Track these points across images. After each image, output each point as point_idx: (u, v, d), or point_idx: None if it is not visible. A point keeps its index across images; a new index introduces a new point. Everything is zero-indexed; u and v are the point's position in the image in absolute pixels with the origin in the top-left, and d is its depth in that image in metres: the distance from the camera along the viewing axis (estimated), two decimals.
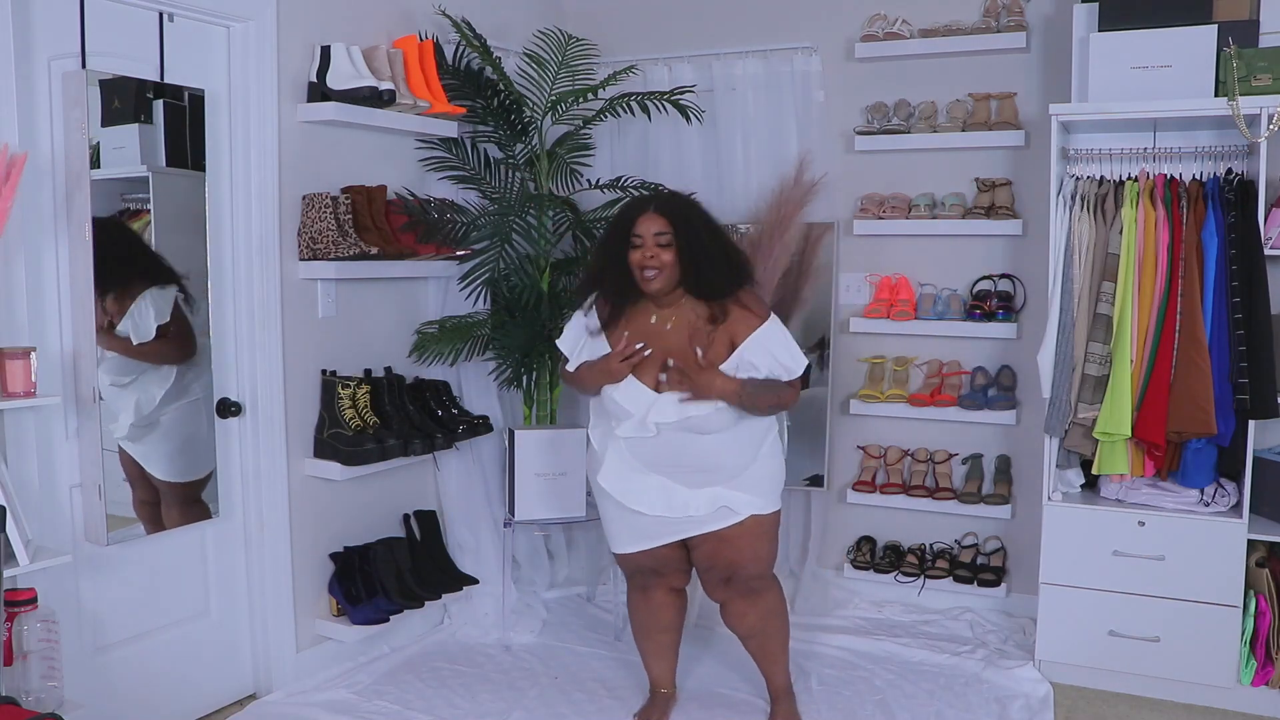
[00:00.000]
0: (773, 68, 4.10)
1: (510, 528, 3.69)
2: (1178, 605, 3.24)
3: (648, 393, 2.71)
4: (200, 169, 2.95)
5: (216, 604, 3.21)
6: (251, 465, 3.23)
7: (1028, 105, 3.84)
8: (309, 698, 3.25)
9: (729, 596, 2.92)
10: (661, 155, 4.27)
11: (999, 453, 4.00)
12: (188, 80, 2.93)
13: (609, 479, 2.81)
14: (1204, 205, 3.18)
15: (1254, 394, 3.09)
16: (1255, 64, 3.12)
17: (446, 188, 3.84)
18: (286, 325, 3.27)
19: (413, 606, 3.52)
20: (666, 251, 2.67)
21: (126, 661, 2.94)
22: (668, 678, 3.17)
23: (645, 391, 2.72)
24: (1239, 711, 3.22)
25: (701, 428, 2.69)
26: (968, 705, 3.23)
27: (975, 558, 4.00)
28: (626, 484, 2.80)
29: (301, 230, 3.28)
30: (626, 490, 2.79)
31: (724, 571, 2.86)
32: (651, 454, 2.77)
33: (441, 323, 3.78)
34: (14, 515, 2.35)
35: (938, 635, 3.76)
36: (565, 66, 3.84)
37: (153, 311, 2.84)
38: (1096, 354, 3.27)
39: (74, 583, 2.77)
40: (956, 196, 3.95)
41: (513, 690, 3.35)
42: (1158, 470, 3.30)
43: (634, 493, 2.79)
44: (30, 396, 2.41)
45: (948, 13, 3.93)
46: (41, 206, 2.65)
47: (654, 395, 2.71)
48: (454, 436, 3.59)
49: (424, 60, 3.54)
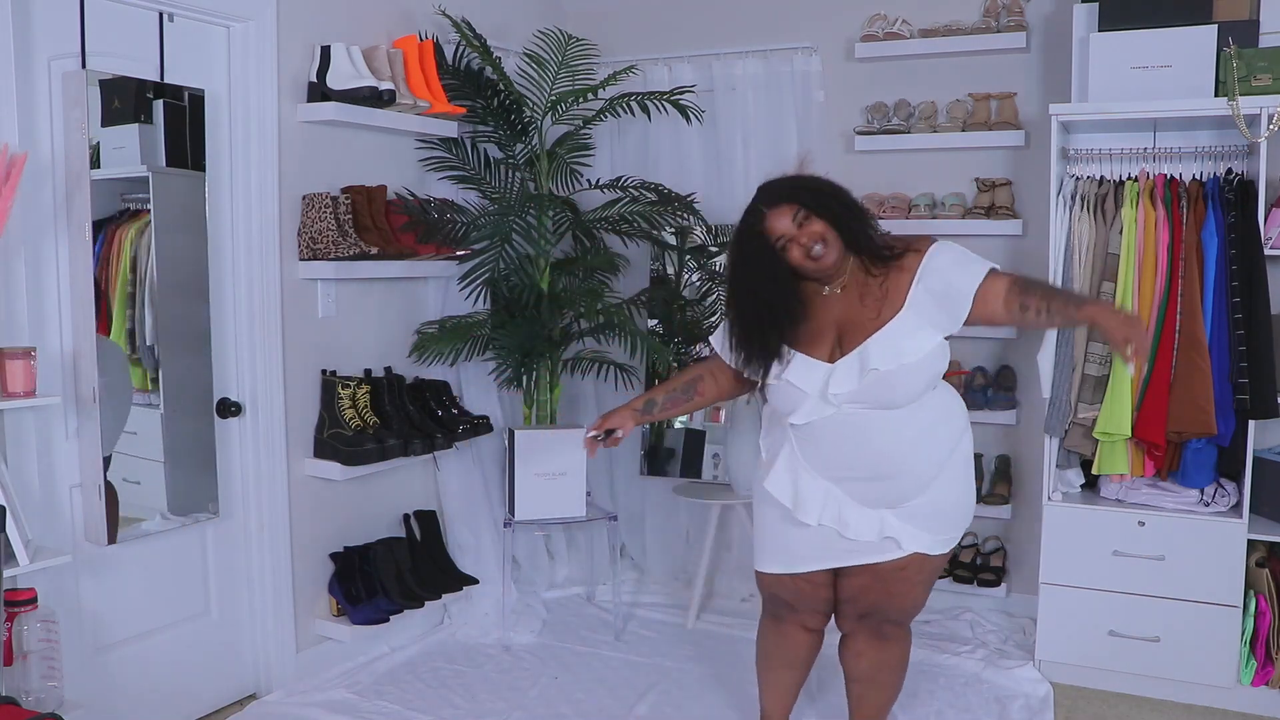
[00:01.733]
0: (773, 68, 4.10)
1: (510, 528, 3.69)
2: (1178, 605, 3.23)
3: (821, 365, 2.38)
4: (200, 169, 2.94)
5: (216, 604, 3.21)
6: (251, 465, 3.23)
7: (1028, 105, 3.84)
8: (309, 698, 3.25)
9: (856, 630, 2.67)
10: (661, 155, 4.27)
11: (999, 453, 4.00)
12: (188, 80, 2.93)
13: (776, 485, 2.50)
14: (1204, 205, 3.18)
15: (1254, 394, 3.09)
16: (1255, 64, 3.11)
17: (446, 188, 3.84)
18: (286, 325, 3.27)
19: (413, 606, 3.52)
20: (815, 223, 2.34)
21: (126, 661, 2.94)
22: (781, 713, 2.86)
23: (818, 365, 2.38)
24: (1239, 711, 3.22)
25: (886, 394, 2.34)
26: (968, 705, 3.23)
27: (975, 558, 4.00)
28: (796, 492, 2.48)
29: (301, 230, 3.28)
30: (796, 497, 2.47)
31: (866, 607, 2.59)
32: (829, 450, 2.42)
33: (441, 323, 3.78)
34: (14, 515, 2.35)
35: (938, 635, 3.76)
36: (565, 66, 3.84)
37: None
38: (1096, 354, 3.27)
39: (74, 583, 2.77)
40: (956, 196, 3.95)
41: (513, 690, 3.35)
42: (1158, 470, 3.30)
43: (803, 502, 2.46)
44: (30, 396, 2.41)
45: (948, 13, 3.94)
46: (41, 206, 2.65)
47: (829, 366, 2.38)
48: (454, 436, 3.59)
49: (424, 60, 3.54)
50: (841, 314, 2.41)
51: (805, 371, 2.39)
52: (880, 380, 2.32)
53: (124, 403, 2.83)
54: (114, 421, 2.75)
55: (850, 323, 2.39)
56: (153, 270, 2.84)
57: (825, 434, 2.41)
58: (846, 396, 2.35)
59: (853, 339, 2.37)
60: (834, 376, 2.36)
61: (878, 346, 2.33)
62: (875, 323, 2.36)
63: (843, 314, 2.41)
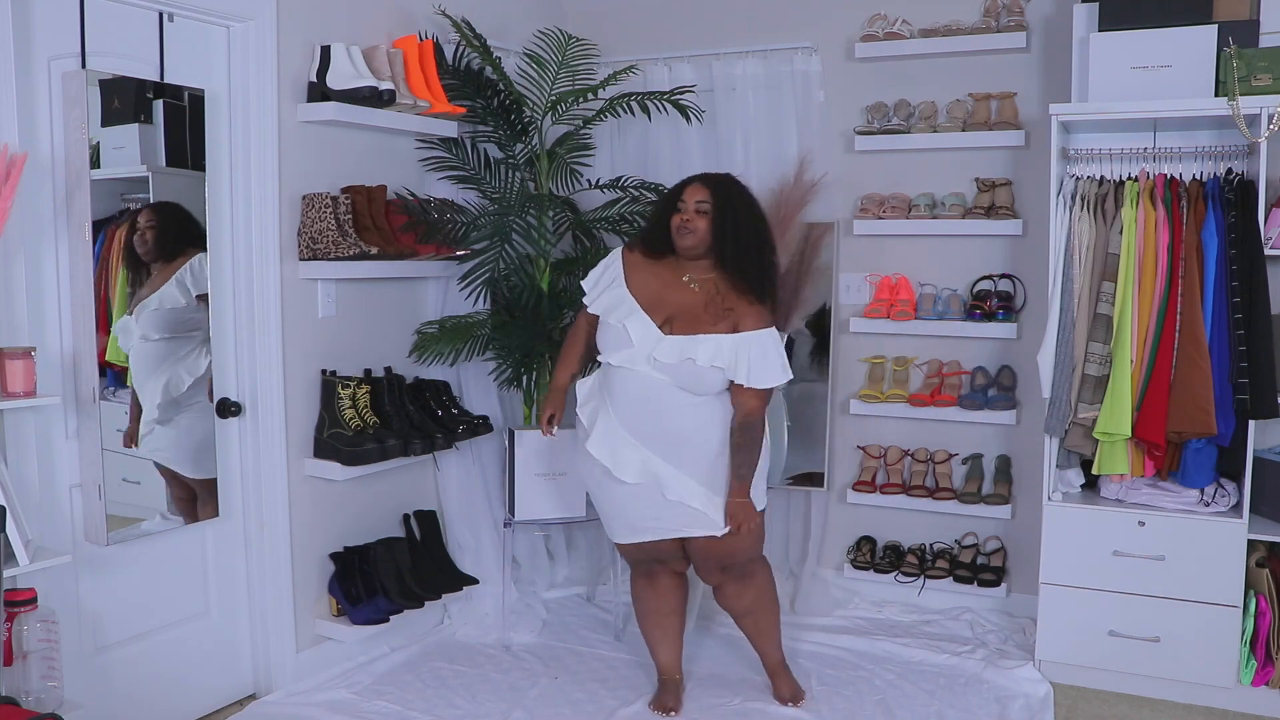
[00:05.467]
0: (773, 68, 4.10)
1: (510, 528, 3.69)
2: (1178, 605, 3.23)
3: (655, 330, 2.87)
4: (200, 169, 2.94)
5: (216, 604, 3.21)
6: (251, 465, 3.23)
7: (1028, 105, 3.84)
8: (309, 698, 3.25)
9: (724, 580, 3.10)
10: (661, 155, 4.26)
11: (999, 453, 4.00)
12: (188, 80, 2.93)
13: (597, 445, 2.92)
14: (1204, 205, 3.18)
15: (1254, 394, 3.09)
16: (1255, 64, 3.11)
17: (446, 188, 3.84)
18: (286, 325, 3.27)
19: (413, 606, 3.52)
20: (702, 219, 2.89)
21: (126, 661, 2.94)
22: (675, 663, 3.25)
23: (655, 329, 2.87)
24: (1239, 711, 3.22)
25: (692, 383, 2.84)
26: (968, 705, 3.23)
27: (975, 558, 4.00)
28: (614, 452, 2.90)
29: (301, 230, 3.28)
30: (615, 457, 2.90)
31: (719, 561, 3.04)
32: (637, 411, 2.88)
33: (441, 323, 3.78)
34: (14, 515, 2.35)
35: (938, 635, 3.76)
36: (565, 66, 3.84)
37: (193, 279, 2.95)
38: (1096, 354, 3.27)
39: (74, 583, 2.77)
40: (956, 196, 3.95)
41: (513, 690, 3.35)
42: (1158, 470, 3.30)
43: (622, 462, 2.89)
44: (30, 396, 2.41)
45: (948, 13, 3.93)
46: (41, 206, 2.65)
47: (661, 335, 2.86)
48: (454, 436, 3.59)
49: (424, 60, 3.54)
50: (683, 303, 2.90)
51: (642, 328, 2.87)
52: (693, 370, 2.83)
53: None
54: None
55: (687, 314, 2.88)
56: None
57: (630, 385, 2.88)
58: (665, 366, 2.84)
59: (683, 327, 2.86)
60: (661, 347, 2.84)
61: (703, 346, 2.83)
62: (710, 328, 2.86)
63: (684, 303, 2.90)
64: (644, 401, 2.88)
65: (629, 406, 2.90)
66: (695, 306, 2.90)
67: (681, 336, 2.85)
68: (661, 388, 2.86)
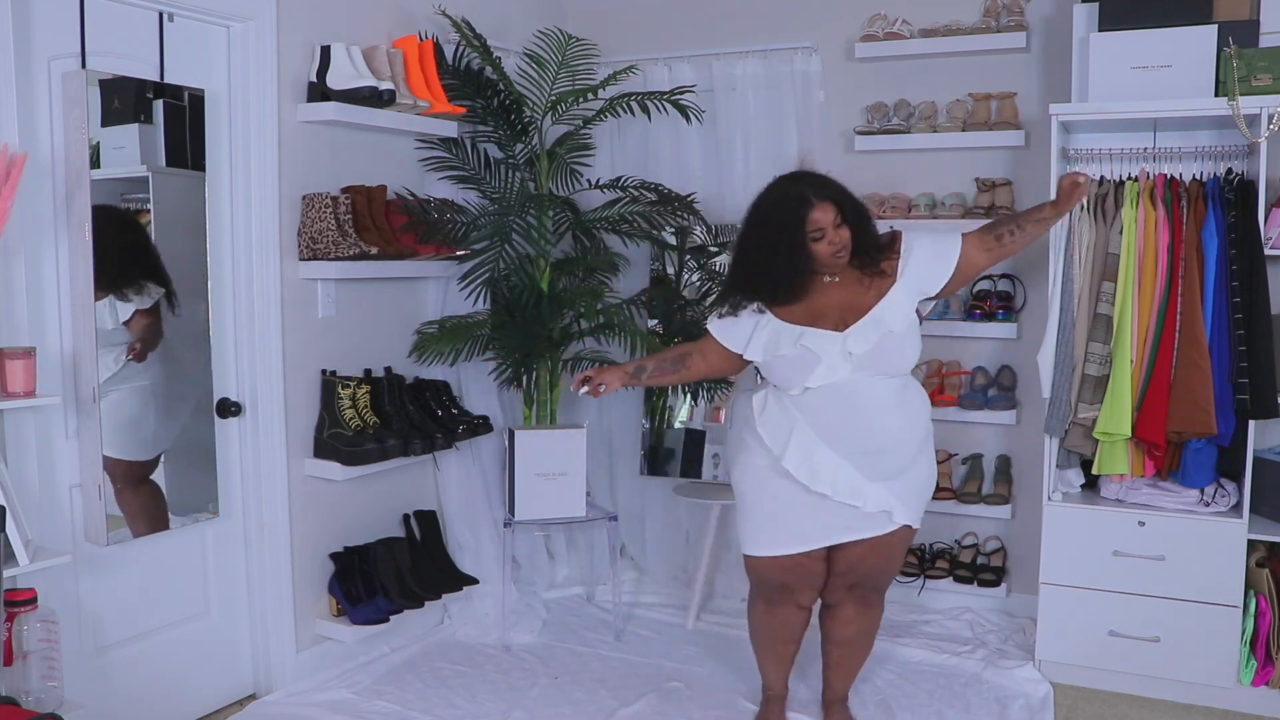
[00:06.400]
0: (773, 68, 4.10)
1: (510, 528, 3.69)
2: (1178, 605, 3.23)
3: (834, 334, 2.65)
4: (200, 169, 2.94)
5: (216, 604, 3.21)
6: (251, 465, 3.23)
7: (1028, 105, 3.84)
8: (309, 698, 3.25)
9: (844, 600, 2.91)
10: (661, 155, 4.27)
11: (999, 453, 4.00)
12: (188, 80, 2.93)
13: (794, 462, 2.68)
14: (1204, 205, 3.18)
15: (1254, 394, 3.09)
16: (1255, 64, 3.11)
17: (446, 188, 3.84)
18: (286, 325, 3.27)
19: (413, 606, 3.52)
20: (843, 231, 2.64)
21: (126, 662, 2.94)
22: (784, 681, 3.09)
23: (830, 334, 2.65)
24: (1239, 711, 3.22)
25: (894, 358, 2.64)
26: (968, 705, 3.23)
27: (975, 558, 4.00)
28: (812, 467, 2.68)
29: (301, 230, 3.28)
30: (813, 472, 2.67)
31: (859, 577, 2.84)
32: (835, 421, 2.66)
33: (441, 323, 3.78)
34: (14, 515, 2.35)
35: (938, 635, 3.76)
36: (565, 66, 3.84)
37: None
38: (1096, 354, 3.27)
39: (74, 583, 2.77)
40: (956, 196, 3.95)
41: (513, 690, 3.35)
42: (1158, 470, 3.30)
43: (819, 476, 2.67)
44: (30, 396, 2.41)
45: (948, 13, 3.94)
46: (41, 206, 2.65)
47: (842, 334, 2.65)
48: (454, 436, 3.59)
49: (424, 60, 3.54)
50: (840, 299, 2.71)
51: (820, 339, 2.66)
52: (893, 340, 2.64)
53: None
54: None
55: (849, 305, 2.69)
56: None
57: (830, 405, 2.67)
58: (864, 356, 2.63)
59: (855, 315, 2.67)
60: (850, 338, 2.64)
61: (885, 312, 2.65)
62: (877, 298, 2.67)
63: (841, 299, 2.71)
64: (849, 414, 2.65)
65: (832, 426, 2.66)
66: (851, 293, 2.70)
67: (859, 322, 2.65)
68: (862, 392, 2.64)
